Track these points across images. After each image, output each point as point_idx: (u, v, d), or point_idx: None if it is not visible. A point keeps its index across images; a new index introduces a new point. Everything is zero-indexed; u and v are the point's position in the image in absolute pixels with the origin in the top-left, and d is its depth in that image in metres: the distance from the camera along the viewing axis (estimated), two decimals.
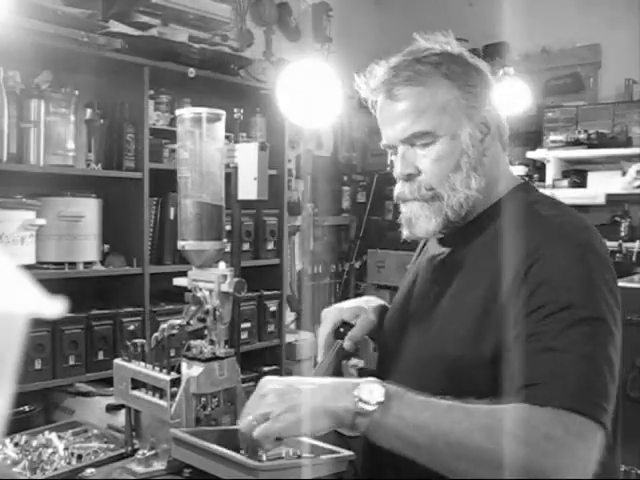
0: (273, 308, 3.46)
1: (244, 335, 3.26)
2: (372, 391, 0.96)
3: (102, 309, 2.73)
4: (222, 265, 1.34)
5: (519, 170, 3.95)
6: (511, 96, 3.67)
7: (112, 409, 1.50)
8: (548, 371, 0.94)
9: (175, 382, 1.25)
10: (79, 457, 1.34)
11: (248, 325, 3.31)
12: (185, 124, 1.33)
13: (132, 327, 2.53)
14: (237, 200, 1.71)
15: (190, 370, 1.26)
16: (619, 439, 1.12)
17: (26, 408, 2.40)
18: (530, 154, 3.98)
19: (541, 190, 1.26)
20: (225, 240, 1.37)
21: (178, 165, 1.35)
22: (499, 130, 1.18)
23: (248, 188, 1.67)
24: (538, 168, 4.03)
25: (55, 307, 0.41)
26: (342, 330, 1.29)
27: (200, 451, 1.11)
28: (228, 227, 1.48)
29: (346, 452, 1.15)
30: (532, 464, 0.87)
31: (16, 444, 1.38)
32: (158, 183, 2.88)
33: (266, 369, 3.42)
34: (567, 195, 3.64)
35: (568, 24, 4.00)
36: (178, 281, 1.37)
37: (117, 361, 1.37)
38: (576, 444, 0.88)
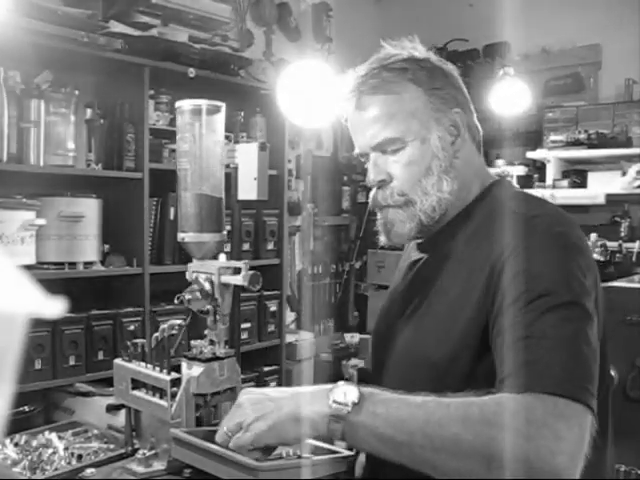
0: (273, 308, 3.46)
1: (244, 335, 3.26)
2: (346, 393, 0.95)
3: (102, 309, 2.73)
4: (222, 257, 1.34)
5: (519, 170, 3.96)
6: (511, 96, 3.67)
7: (112, 409, 1.49)
8: (525, 359, 0.92)
9: (175, 382, 1.25)
10: (79, 457, 1.34)
11: (248, 325, 3.31)
12: (185, 116, 1.33)
13: (132, 327, 2.53)
14: (237, 200, 1.71)
15: (190, 370, 1.26)
16: (610, 437, 1.11)
17: (26, 408, 2.40)
18: (530, 154, 3.98)
19: (540, 190, 1.26)
20: (225, 232, 1.37)
21: (178, 157, 1.35)
22: (471, 131, 1.19)
23: (248, 188, 1.67)
24: (538, 168, 4.03)
25: (55, 307, 0.41)
26: None
27: (200, 451, 1.11)
28: (228, 227, 1.48)
29: (346, 452, 1.15)
30: (514, 449, 0.84)
31: (16, 444, 1.38)
32: (158, 183, 2.88)
33: (266, 369, 3.42)
34: (567, 195, 3.64)
35: (568, 24, 4.00)
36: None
37: (117, 361, 1.37)
38: (558, 425, 0.85)
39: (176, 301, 1.30)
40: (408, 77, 1.14)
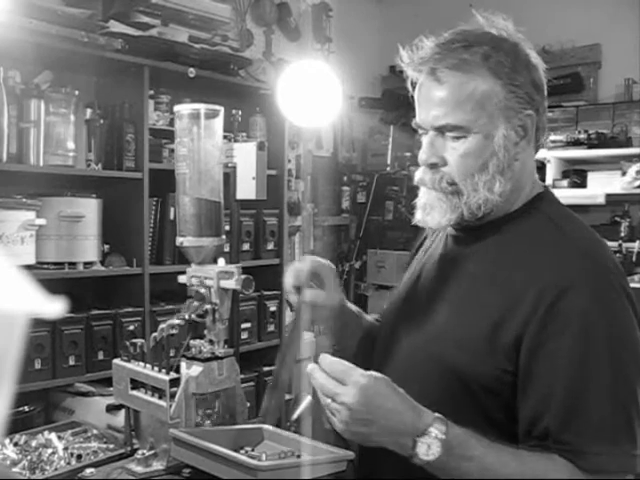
0: (273, 308, 3.46)
1: (244, 335, 3.26)
2: (430, 446, 0.97)
3: (102, 309, 2.73)
4: (221, 261, 1.34)
5: None
6: None
7: (112, 409, 1.50)
8: (592, 439, 0.96)
9: (174, 382, 1.25)
10: (79, 457, 1.34)
11: (248, 325, 3.31)
12: (183, 120, 1.33)
13: (132, 327, 2.52)
14: (236, 200, 1.71)
15: (189, 370, 1.26)
16: None
17: (26, 408, 2.40)
18: None
19: None
20: (224, 237, 1.37)
21: (176, 161, 1.35)
22: (537, 133, 1.13)
23: (247, 188, 1.67)
24: (538, 168, 3.98)
25: (55, 307, 0.41)
26: None
27: (200, 451, 1.11)
28: (227, 227, 1.48)
29: (346, 452, 1.15)
30: None
31: (16, 444, 1.38)
32: (158, 183, 2.88)
33: (266, 369, 3.42)
34: (567, 195, 3.64)
35: (568, 24, 4.00)
36: (182, 278, 1.37)
37: (116, 361, 1.37)
38: None
39: (177, 321, 1.30)
40: (489, 65, 1.07)
